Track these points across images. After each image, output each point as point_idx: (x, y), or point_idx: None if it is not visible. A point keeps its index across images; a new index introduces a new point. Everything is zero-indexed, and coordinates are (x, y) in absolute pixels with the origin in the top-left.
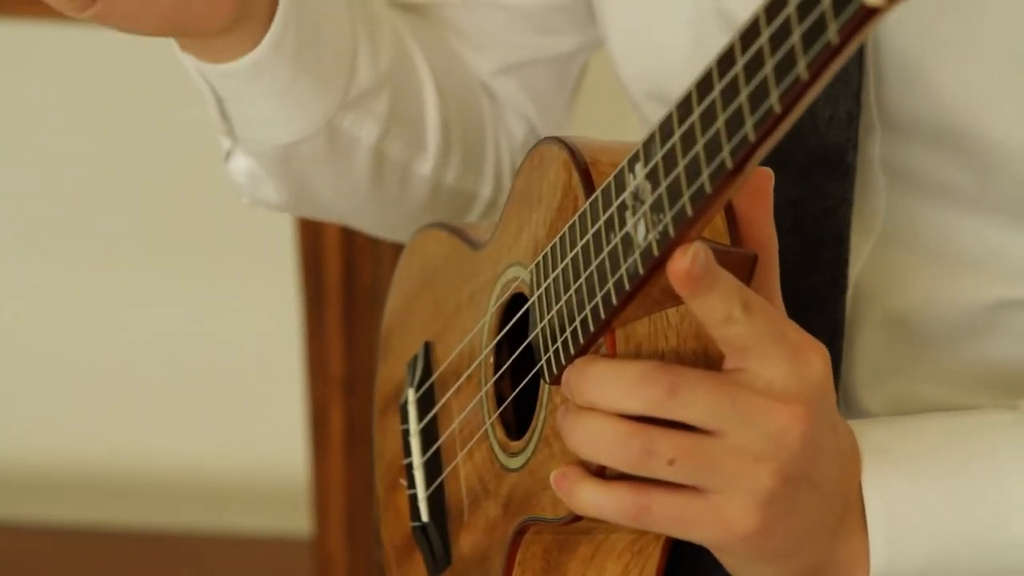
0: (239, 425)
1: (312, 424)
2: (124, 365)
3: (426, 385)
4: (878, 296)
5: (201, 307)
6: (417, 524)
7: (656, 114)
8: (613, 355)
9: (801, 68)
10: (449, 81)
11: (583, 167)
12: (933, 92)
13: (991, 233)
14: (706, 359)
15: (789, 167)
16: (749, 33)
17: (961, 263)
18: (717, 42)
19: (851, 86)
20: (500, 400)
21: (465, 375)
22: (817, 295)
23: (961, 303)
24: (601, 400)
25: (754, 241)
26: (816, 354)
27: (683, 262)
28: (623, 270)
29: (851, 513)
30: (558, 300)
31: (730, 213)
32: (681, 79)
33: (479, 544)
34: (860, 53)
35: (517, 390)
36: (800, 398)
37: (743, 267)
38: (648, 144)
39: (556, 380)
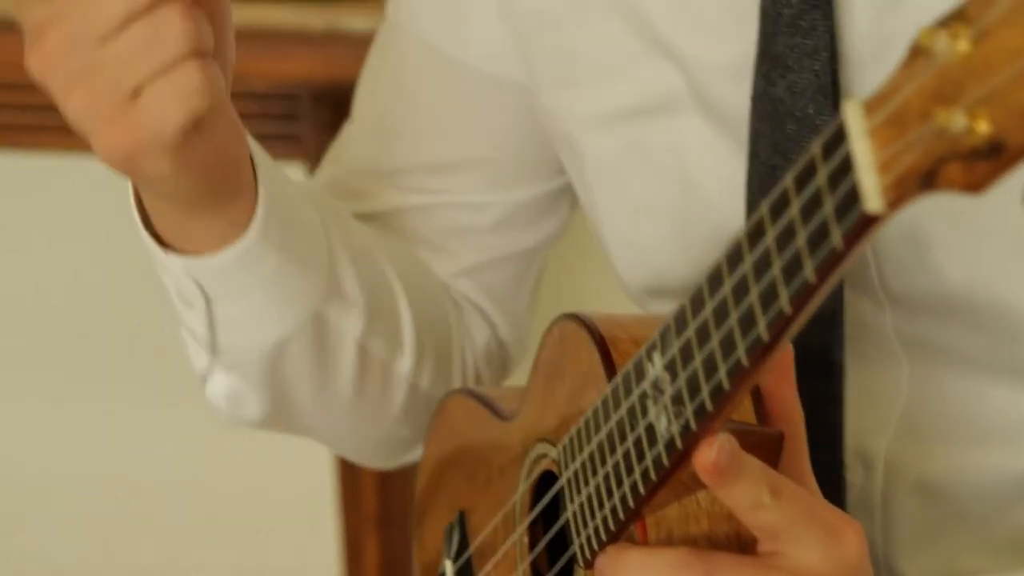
0: (271, 558)
1: (346, 558)
2: (145, 492)
3: (463, 558)
4: (910, 465)
5: (229, 438)
6: None
7: (656, 307)
8: (644, 542)
9: (808, 272)
10: (417, 289)
11: (603, 347)
12: (937, 268)
13: (1018, 399)
14: (739, 542)
15: None
16: (755, 233)
17: (991, 430)
18: (705, 243)
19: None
20: (537, 574)
21: (502, 551)
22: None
23: (994, 471)
24: None
25: (780, 417)
26: (850, 531)
27: (709, 455)
28: (648, 461)
29: None
30: (587, 485)
31: (755, 390)
32: (680, 282)
33: None
34: None
35: (553, 572)
36: None
37: (770, 447)
38: (665, 334)
39: (590, 565)
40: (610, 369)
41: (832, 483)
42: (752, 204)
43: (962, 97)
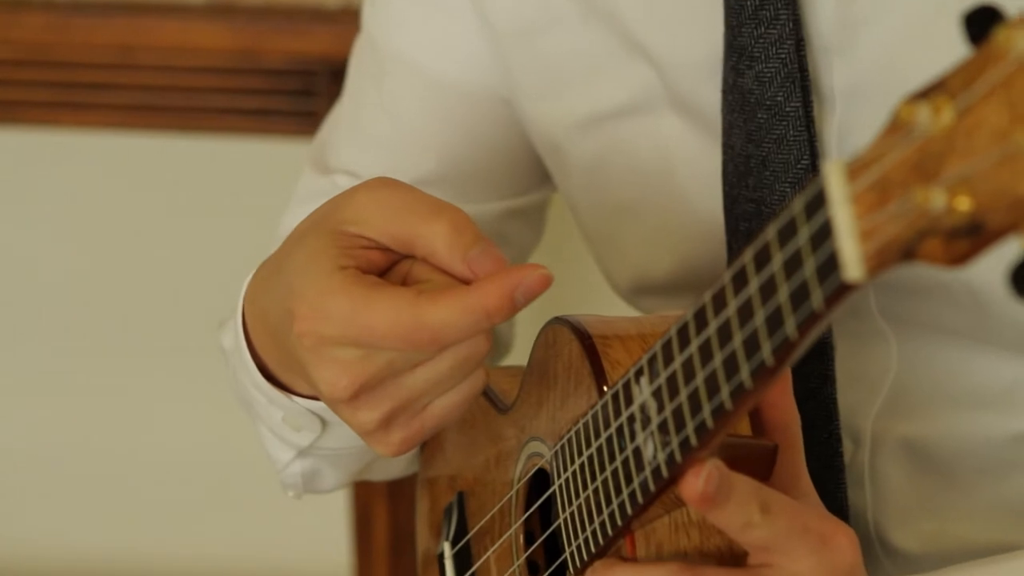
0: (281, 529)
1: (356, 529)
2: (157, 467)
3: (462, 542)
4: (899, 436)
5: (235, 410)
6: None
7: (644, 305)
8: (633, 557)
9: (791, 329)
10: None
11: (593, 356)
12: None
13: (1004, 367)
14: (731, 553)
15: None
16: (738, 279)
17: (978, 398)
18: (686, 238)
19: None
20: (532, 570)
21: (499, 544)
22: (816, 479)
23: (983, 438)
24: None
25: (776, 424)
26: (842, 538)
27: (696, 485)
28: (636, 484)
29: None
30: (578, 496)
31: None
32: (664, 278)
33: None
34: None
35: (550, 571)
36: None
37: (764, 459)
38: (652, 361)
39: (581, 573)
40: (599, 377)
41: (830, 461)
42: (729, 196)
43: (943, 173)
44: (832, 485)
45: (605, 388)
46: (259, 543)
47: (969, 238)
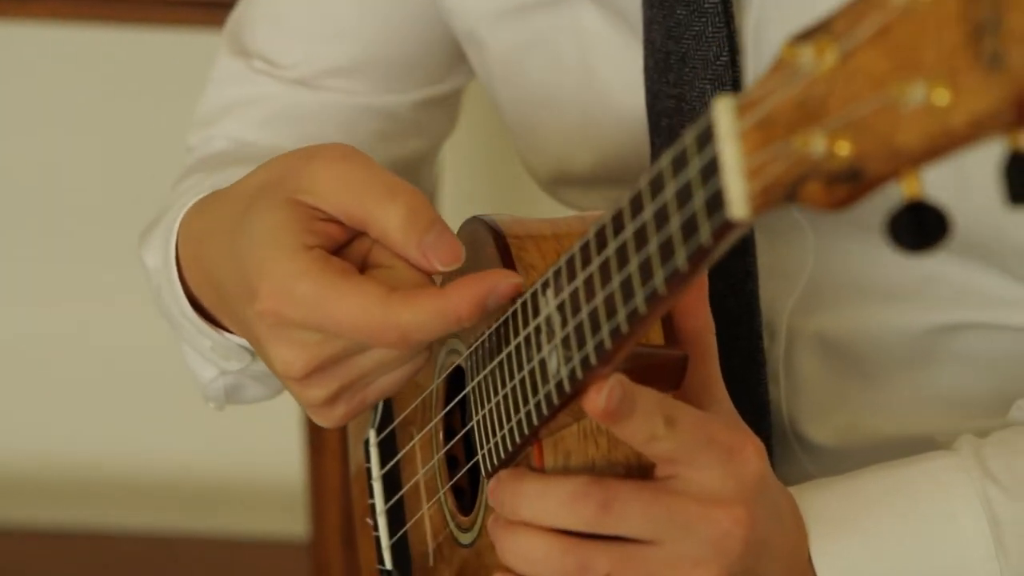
0: (234, 426)
1: (308, 426)
2: (115, 364)
3: (387, 431)
4: (814, 329)
5: None
6: (382, 568)
7: (564, 195)
8: (541, 467)
9: (680, 261)
10: None
11: (508, 258)
12: None
13: (918, 262)
14: (639, 463)
15: None
16: (635, 204)
17: (893, 291)
18: (607, 133)
19: None
20: (452, 464)
21: (420, 436)
22: (737, 375)
23: (897, 330)
24: (533, 518)
25: (690, 332)
26: (749, 449)
27: (598, 401)
28: (541, 396)
29: None
30: (489, 401)
31: None
32: (583, 170)
33: None
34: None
35: (463, 472)
36: (738, 499)
37: (673, 369)
38: (557, 275)
39: (491, 475)
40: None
41: (751, 357)
42: (650, 92)
43: (825, 117)
44: (754, 381)
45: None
46: (209, 444)
47: (849, 184)
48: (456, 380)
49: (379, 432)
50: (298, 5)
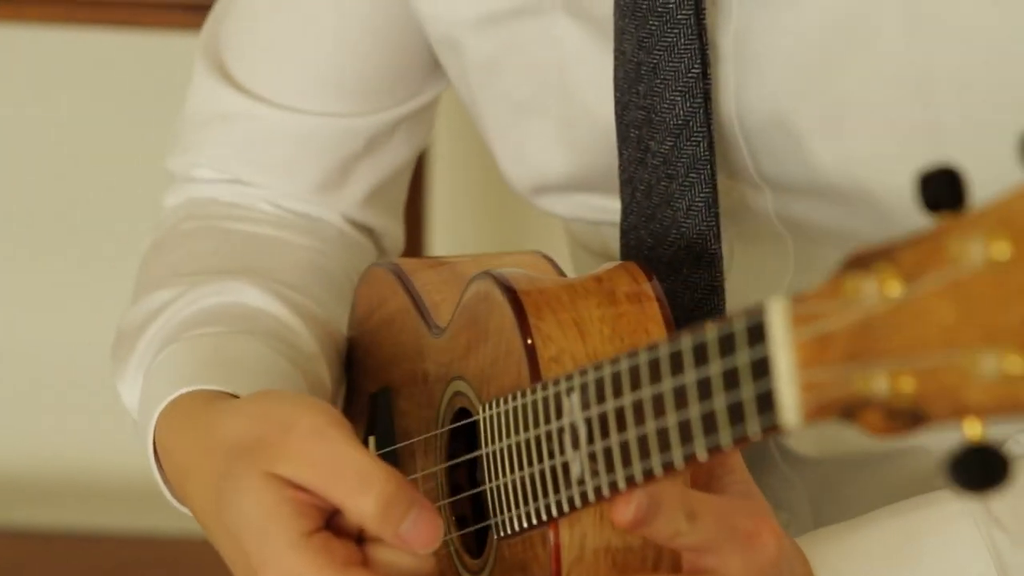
0: None
1: None
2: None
3: (387, 450)
4: None
5: None
6: None
7: (542, 203)
8: (556, 544)
9: (725, 439)
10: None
11: (527, 331)
12: (808, 155)
13: None
14: (655, 547)
15: (656, 262)
16: (675, 361)
17: None
18: (583, 142)
19: (704, 174)
20: (456, 500)
21: (423, 470)
22: None
23: None
24: None
25: None
26: (766, 533)
27: (627, 513)
28: (563, 496)
29: None
30: (505, 474)
31: None
32: (561, 179)
33: None
34: (708, 129)
35: (472, 529)
36: None
37: None
38: (584, 388)
39: (505, 540)
40: (533, 364)
41: None
42: (620, 103)
43: (888, 356)
44: None
45: (538, 385)
46: None
47: (910, 420)
48: (463, 425)
49: (379, 446)
50: (275, 25)
